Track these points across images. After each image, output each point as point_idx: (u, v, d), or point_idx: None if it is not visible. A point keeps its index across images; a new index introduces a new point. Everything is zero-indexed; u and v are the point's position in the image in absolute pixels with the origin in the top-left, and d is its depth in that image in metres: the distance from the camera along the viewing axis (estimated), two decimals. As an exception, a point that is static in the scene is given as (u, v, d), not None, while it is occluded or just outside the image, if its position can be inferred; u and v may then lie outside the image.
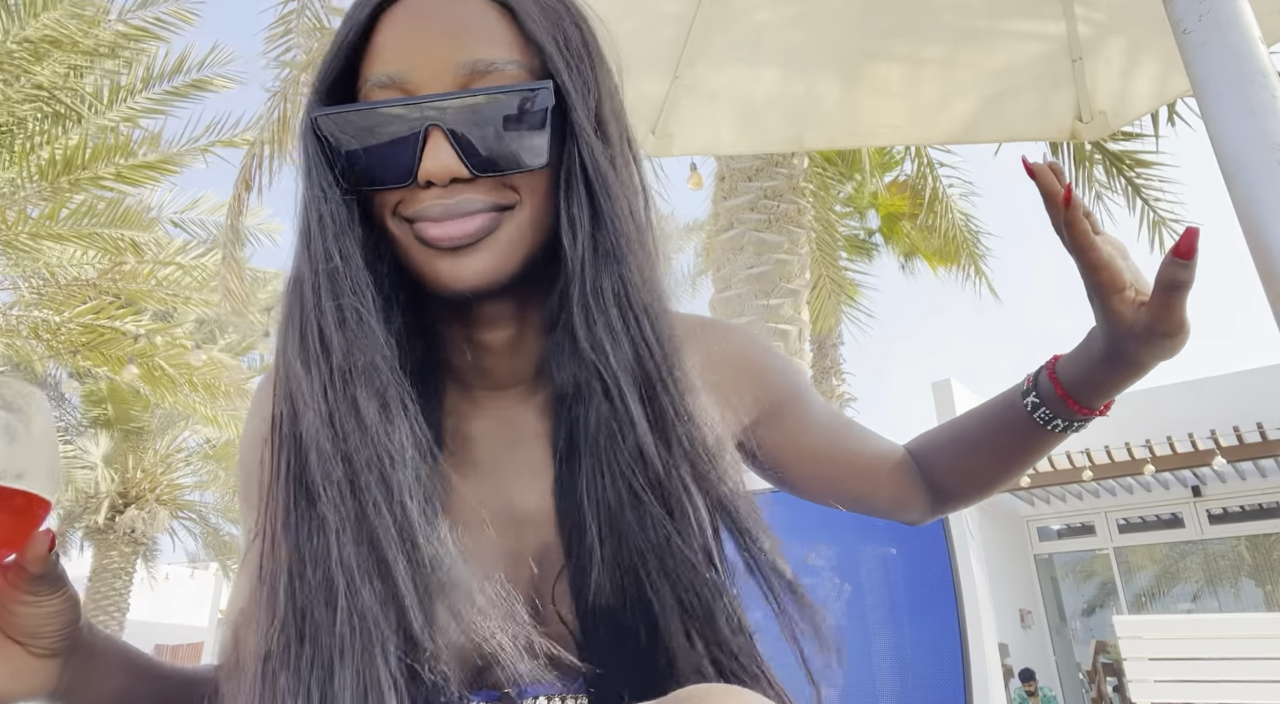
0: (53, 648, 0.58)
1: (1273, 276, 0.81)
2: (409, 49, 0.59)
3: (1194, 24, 0.92)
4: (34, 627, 0.57)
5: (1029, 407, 0.78)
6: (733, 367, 0.76)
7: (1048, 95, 1.84)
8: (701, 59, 1.84)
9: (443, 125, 0.56)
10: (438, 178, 0.57)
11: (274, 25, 5.96)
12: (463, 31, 0.59)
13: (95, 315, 9.23)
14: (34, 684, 0.58)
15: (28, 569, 0.54)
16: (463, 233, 0.58)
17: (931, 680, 1.44)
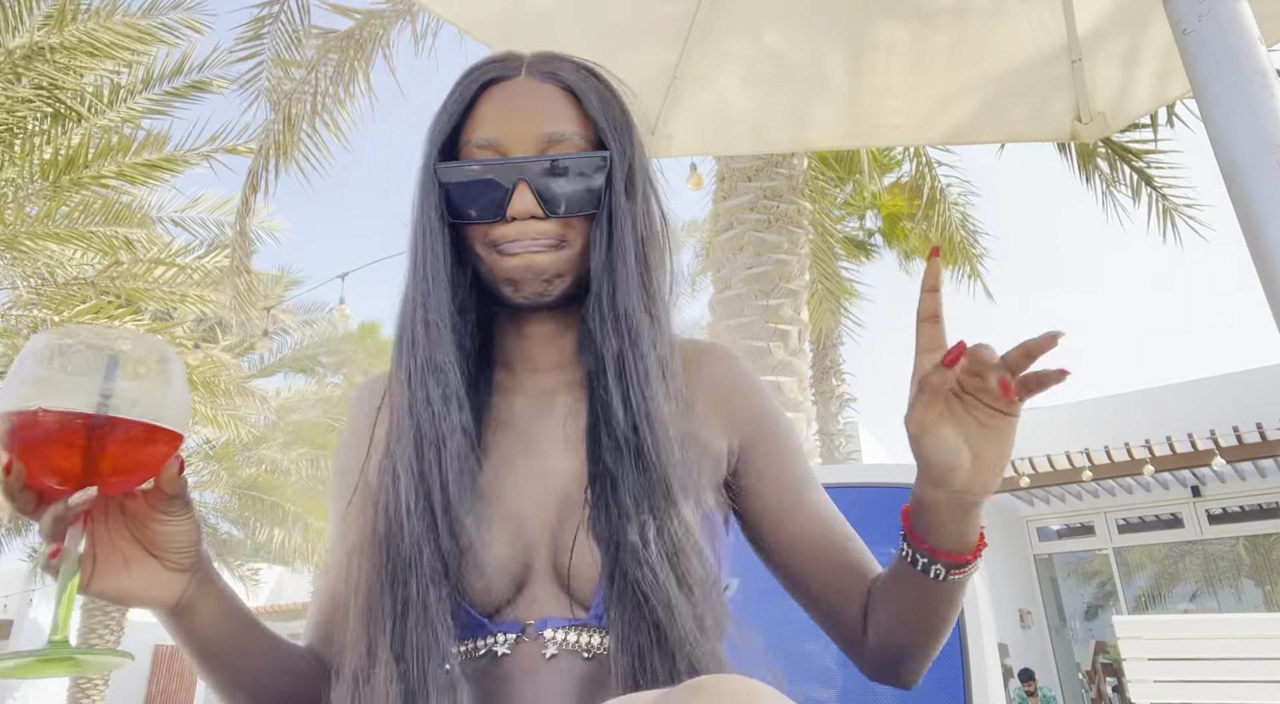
0: (181, 563, 0.71)
1: (1272, 275, 0.81)
2: (503, 121, 0.80)
3: (1194, 24, 0.92)
4: (167, 542, 0.69)
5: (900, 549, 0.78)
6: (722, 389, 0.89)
7: (1048, 96, 1.84)
8: (701, 60, 1.84)
9: (527, 179, 0.78)
10: (520, 215, 0.78)
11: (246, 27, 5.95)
12: (542, 110, 0.81)
13: (94, 315, 9.23)
14: (167, 592, 0.70)
15: (164, 490, 0.67)
16: (529, 253, 0.79)
17: (931, 681, 1.44)
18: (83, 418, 0.60)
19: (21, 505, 0.63)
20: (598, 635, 0.73)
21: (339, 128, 6.02)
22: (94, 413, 0.61)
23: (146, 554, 0.70)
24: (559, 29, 1.72)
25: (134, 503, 0.68)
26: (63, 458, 0.60)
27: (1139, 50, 1.77)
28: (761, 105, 1.97)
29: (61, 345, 0.63)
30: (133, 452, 0.63)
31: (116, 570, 0.68)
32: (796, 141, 2.25)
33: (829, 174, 8.48)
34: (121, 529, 0.69)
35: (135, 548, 0.69)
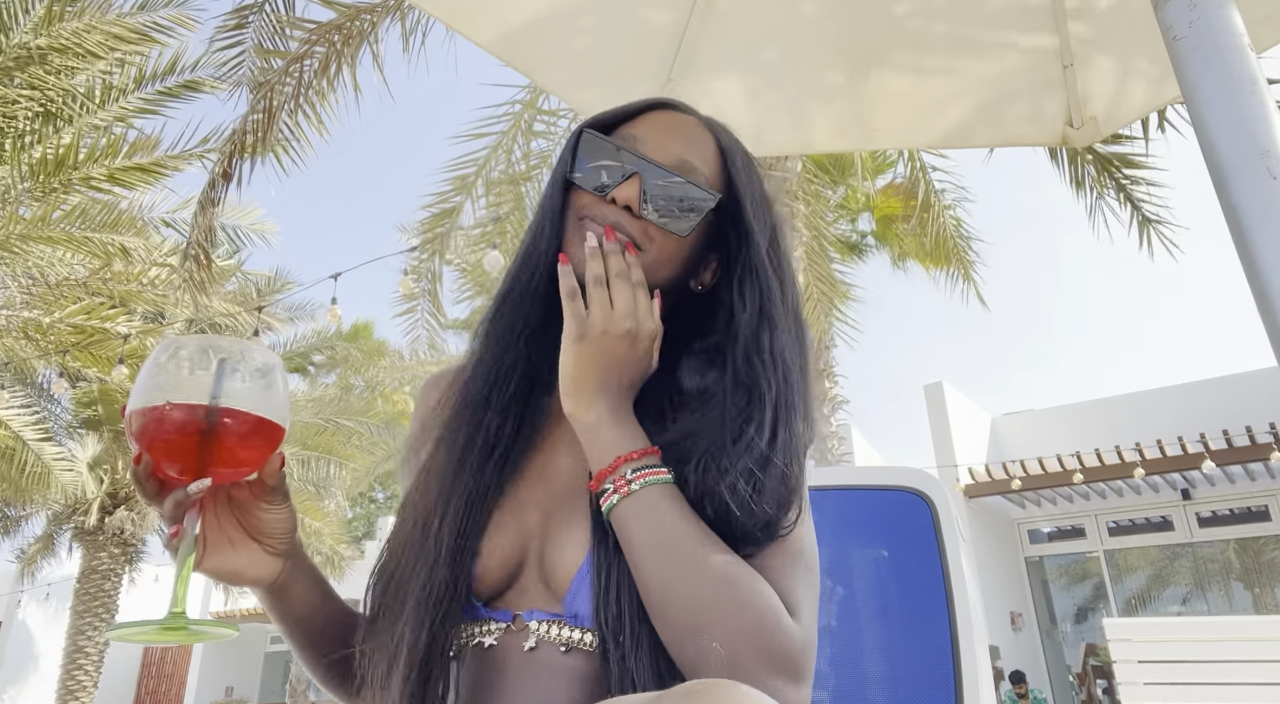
0: (279, 548, 0.80)
1: (1260, 280, 0.81)
2: (655, 131, 0.88)
3: (1184, 31, 0.92)
4: (268, 528, 0.78)
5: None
6: None
7: (1040, 101, 1.85)
8: (694, 64, 1.84)
9: (643, 175, 0.83)
10: (620, 199, 0.82)
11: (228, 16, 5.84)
12: (690, 140, 0.89)
13: (86, 316, 9.18)
14: (267, 572, 0.79)
15: (266, 481, 0.76)
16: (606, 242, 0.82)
17: (923, 683, 1.44)
18: (201, 409, 0.69)
19: (146, 492, 0.71)
20: (576, 630, 0.75)
21: (320, 121, 5.94)
22: (210, 404, 0.69)
23: (250, 538, 0.79)
24: (552, 33, 1.72)
25: (240, 493, 0.77)
26: (182, 447, 0.69)
27: (1130, 56, 1.78)
28: (755, 109, 1.98)
29: (179, 351, 0.72)
30: (242, 443, 0.71)
31: (224, 551, 0.77)
32: (790, 145, 2.26)
33: (823, 177, 8.50)
34: (229, 516, 0.78)
35: (240, 533, 0.78)
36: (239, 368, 0.72)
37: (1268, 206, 0.82)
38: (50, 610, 17.32)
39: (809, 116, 1.97)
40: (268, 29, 5.76)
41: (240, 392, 0.71)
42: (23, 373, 11.17)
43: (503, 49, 1.68)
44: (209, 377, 0.70)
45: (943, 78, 1.87)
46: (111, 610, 12.66)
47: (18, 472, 10.09)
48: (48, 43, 7.42)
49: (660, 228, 0.83)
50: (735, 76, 1.93)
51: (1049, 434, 11.69)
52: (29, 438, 9.99)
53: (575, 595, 0.75)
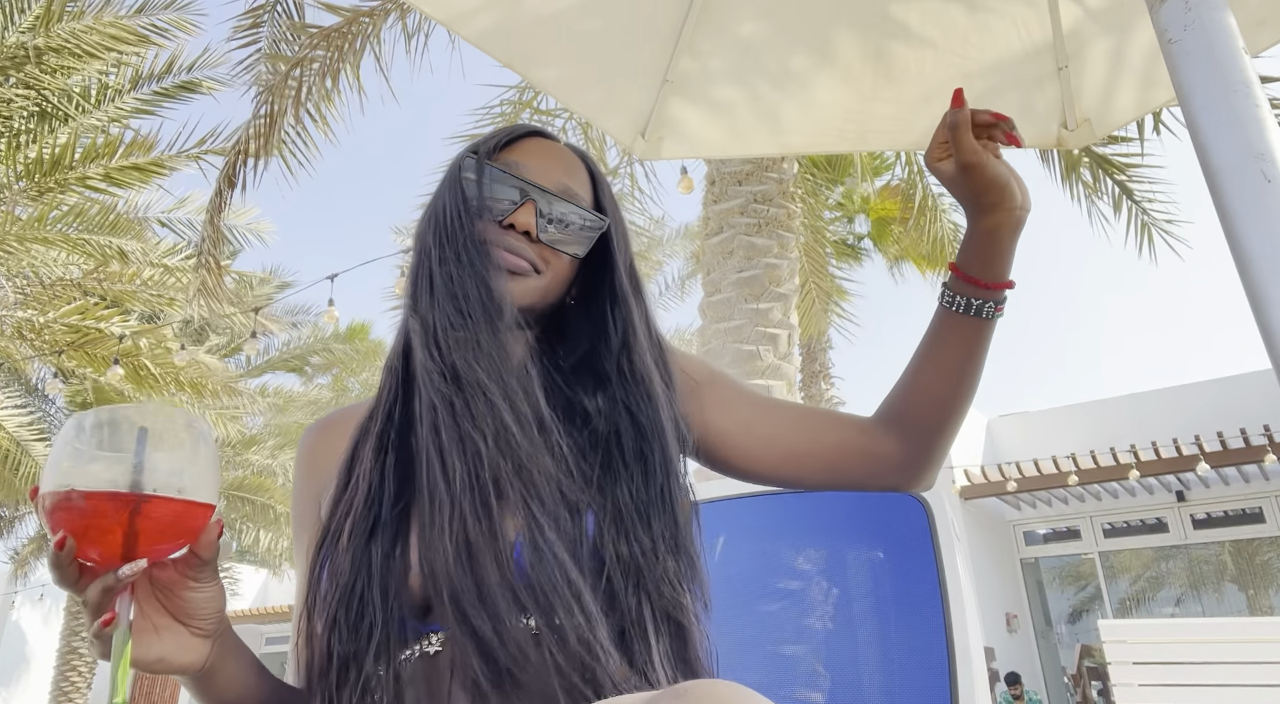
0: (207, 629, 0.72)
1: (1254, 283, 0.82)
2: (537, 159, 0.92)
3: (1179, 34, 0.93)
4: (195, 609, 0.71)
5: (944, 301, 0.90)
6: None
7: (1033, 102, 1.85)
8: (691, 64, 1.84)
9: (538, 202, 0.88)
10: (519, 224, 0.87)
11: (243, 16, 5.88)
12: (570, 169, 0.94)
13: (81, 316, 9.15)
14: (194, 658, 0.72)
15: (200, 556, 0.69)
16: (512, 264, 0.88)
17: (918, 684, 1.44)
18: (120, 497, 0.63)
19: (66, 578, 0.65)
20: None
21: (325, 123, 5.96)
22: (127, 491, 0.63)
23: (175, 621, 0.72)
24: (550, 32, 1.72)
25: (164, 572, 0.70)
26: (102, 534, 0.63)
27: (1125, 58, 1.79)
28: (751, 109, 1.98)
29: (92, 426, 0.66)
30: (169, 524, 0.65)
31: (148, 638, 0.70)
32: (786, 146, 2.26)
33: (820, 176, 8.51)
34: (150, 598, 0.71)
35: (164, 616, 0.71)
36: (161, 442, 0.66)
37: (1261, 210, 0.82)
38: (44, 612, 17.27)
39: (805, 118, 1.98)
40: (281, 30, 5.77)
41: (160, 461, 0.65)
42: (17, 373, 11.14)
43: (499, 49, 1.68)
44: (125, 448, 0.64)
45: (938, 77, 1.87)
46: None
47: (11, 471, 10.06)
48: (44, 42, 7.40)
49: (555, 251, 0.89)
50: (731, 77, 1.93)
51: (1044, 436, 11.71)
52: (23, 438, 9.96)
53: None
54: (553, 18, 1.70)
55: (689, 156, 2.30)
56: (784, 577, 1.53)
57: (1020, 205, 0.85)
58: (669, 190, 8.53)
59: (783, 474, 0.96)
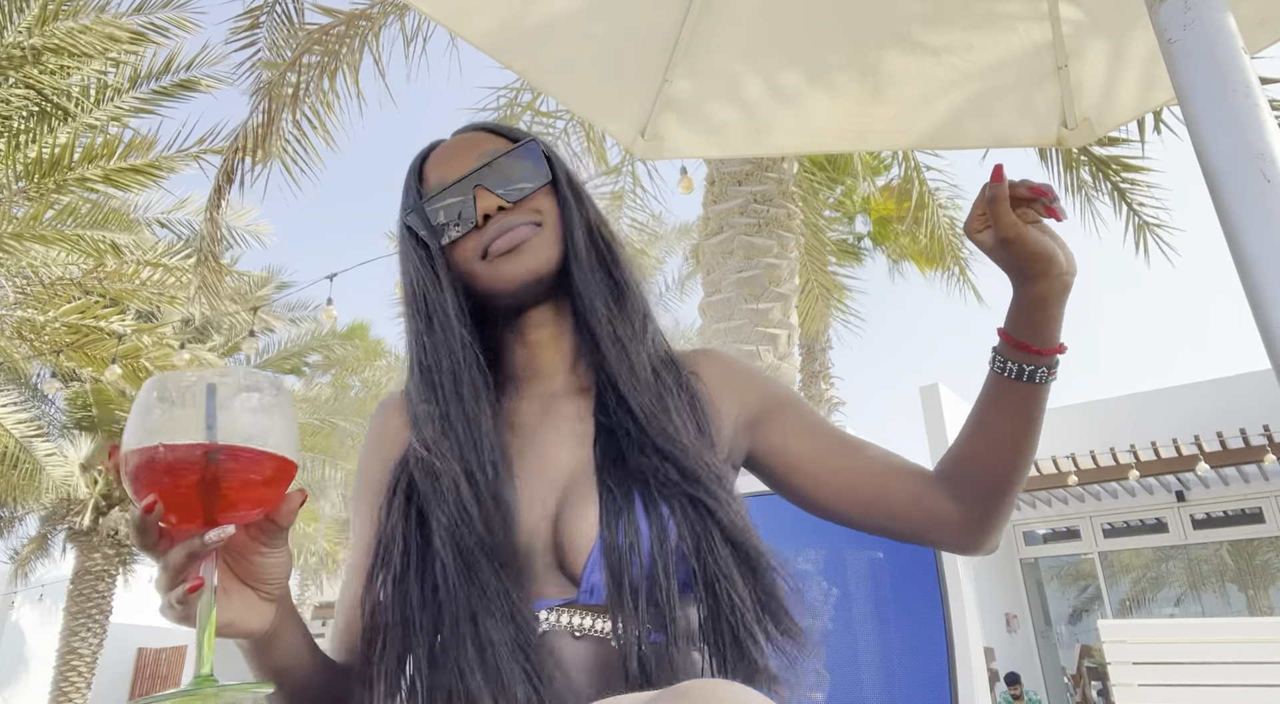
0: (273, 594, 0.73)
1: (1254, 283, 0.82)
2: (444, 166, 0.94)
3: (1179, 33, 0.93)
4: (265, 573, 0.72)
5: (995, 367, 0.89)
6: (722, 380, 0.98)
7: (1033, 101, 1.85)
8: (691, 63, 1.84)
9: (482, 183, 0.90)
10: (490, 210, 0.89)
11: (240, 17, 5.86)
12: (471, 144, 0.96)
13: (80, 315, 9.15)
14: (261, 622, 0.73)
15: (278, 523, 0.69)
16: (513, 241, 0.89)
17: (918, 684, 1.45)
18: (201, 449, 0.62)
19: (148, 542, 0.65)
20: (589, 616, 0.79)
21: (322, 124, 5.96)
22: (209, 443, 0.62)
23: (243, 585, 0.72)
24: (551, 33, 1.72)
25: (236, 537, 0.69)
26: (187, 494, 0.62)
27: (1124, 57, 1.79)
28: (750, 110, 1.98)
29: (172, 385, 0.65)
30: (255, 485, 0.65)
31: (219, 602, 0.69)
32: (786, 145, 2.26)
33: (820, 175, 8.51)
34: (221, 562, 0.71)
35: (233, 580, 0.72)
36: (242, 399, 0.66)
37: (1261, 209, 0.82)
38: (44, 611, 17.26)
39: (804, 118, 1.98)
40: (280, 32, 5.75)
41: (246, 426, 0.64)
42: (16, 373, 11.13)
43: (499, 50, 1.68)
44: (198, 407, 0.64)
45: (937, 76, 1.87)
46: (105, 611, 12.62)
47: (10, 469, 10.06)
48: (42, 42, 7.40)
49: (530, 198, 0.92)
50: (732, 77, 1.93)
51: (1044, 436, 11.61)
52: (21, 436, 9.96)
53: (591, 573, 0.79)
54: (553, 18, 1.70)
55: (689, 156, 2.30)
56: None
57: (1065, 271, 0.84)
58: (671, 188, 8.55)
59: (844, 511, 0.95)
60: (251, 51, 5.83)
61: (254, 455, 0.64)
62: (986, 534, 0.93)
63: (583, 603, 0.79)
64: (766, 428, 0.97)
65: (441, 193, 0.91)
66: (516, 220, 0.90)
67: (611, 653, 0.77)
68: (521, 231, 0.90)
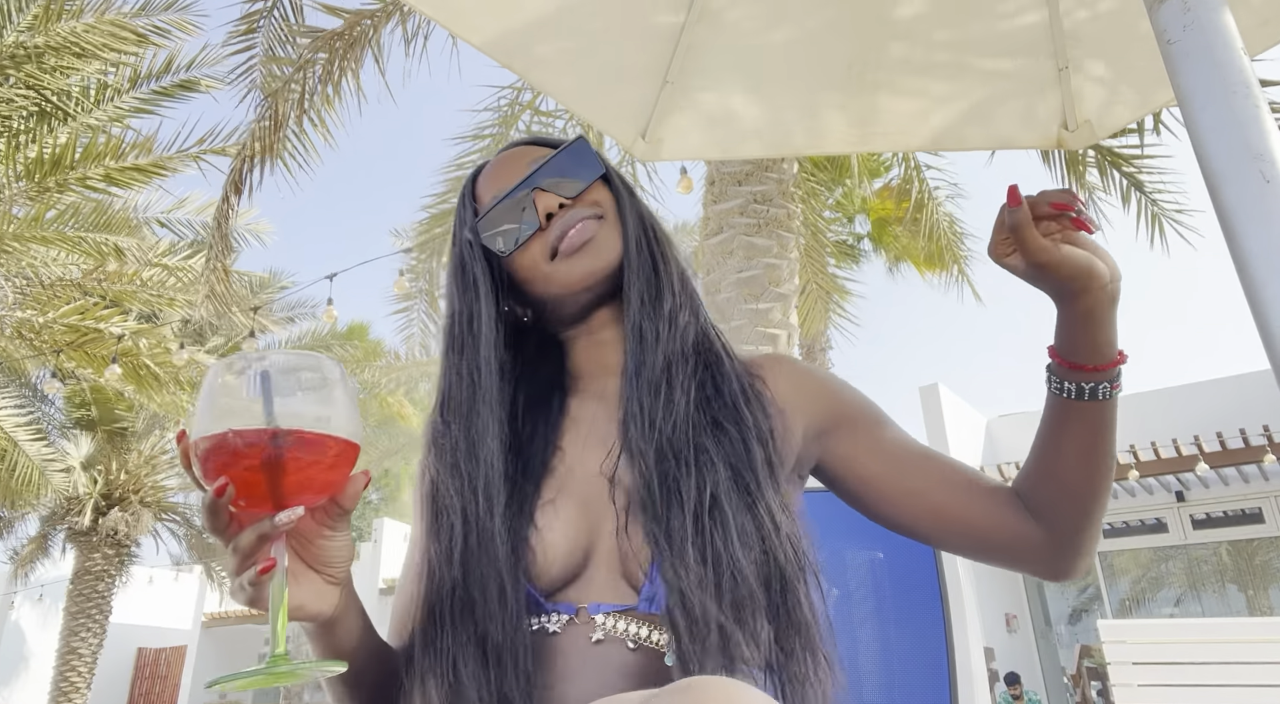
0: (338, 577, 0.73)
1: (1253, 283, 0.82)
2: (496, 179, 0.96)
3: (1178, 34, 0.93)
4: (330, 557, 0.72)
5: (1053, 388, 0.85)
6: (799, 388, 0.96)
7: (1034, 103, 1.85)
8: (692, 64, 1.84)
9: (539, 185, 0.91)
10: (552, 209, 0.90)
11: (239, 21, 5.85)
12: (520, 156, 0.97)
13: (80, 316, 9.15)
14: (327, 605, 0.72)
15: (343, 505, 0.69)
16: (583, 236, 0.90)
17: (917, 684, 1.45)
18: (268, 433, 0.63)
19: (218, 525, 0.65)
20: (646, 626, 0.78)
21: (325, 127, 5.97)
22: (276, 428, 0.63)
23: (309, 569, 0.72)
24: (551, 35, 1.72)
25: (301, 521, 0.69)
26: (253, 475, 0.63)
27: (1124, 59, 1.79)
28: (751, 111, 1.98)
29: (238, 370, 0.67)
30: (321, 467, 0.66)
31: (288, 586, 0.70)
32: (786, 147, 2.26)
33: (820, 176, 8.51)
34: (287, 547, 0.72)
35: (299, 564, 0.72)
36: (306, 383, 0.67)
37: (1260, 210, 0.82)
38: (44, 611, 17.25)
39: (805, 119, 1.98)
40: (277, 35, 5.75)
41: (312, 410, 0.66)
42: (16, 373, 11.13)
43: (499, 50, 1.68)
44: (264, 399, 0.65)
45: (938, 80, 1.88)
46: (105, 611, 12.62)
47: (8, 471, 10.06)
48: (44, 41, 7.39)
49: (587, 191, 0.93)
50: (732, 79, 1.93)
51: (1044, 436, 11.69)
52: (21, 438, 9.95)
53: (654, 581, 0.78)
54: (553, 19, 1.70)
55: (689, 158, 2.30)
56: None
57: (1111, 279, 0.79)
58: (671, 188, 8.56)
59: (922, 529, 0.92)
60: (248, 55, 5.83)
61: (320, 439, 0.65)
62: (1076, 557, 0.88)
63: (642, 611, 0.78)
64: (835, 439, 0.94)
65: (499, 204, 0.92)
66: (580, 214, 0.91)
67: (663, 668, 0.76)
68: (589, 226, 0.91)
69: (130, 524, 12.95)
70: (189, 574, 18.19)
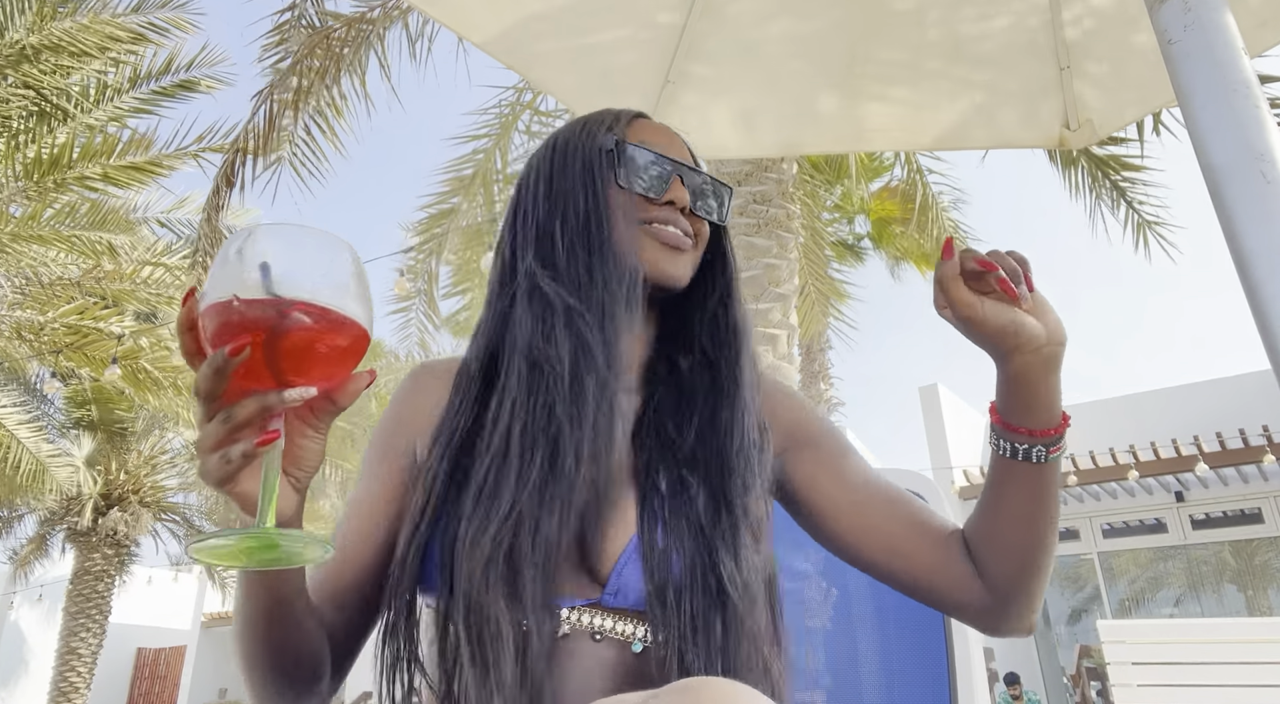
0: (302, 483, 0.69)
1: (1253, 283, 0.82)
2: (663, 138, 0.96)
3: (1179, 34, 0.93)
4: (302, 457, 0.68)
5: (992, 444, 0.83)
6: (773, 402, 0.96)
7: (1036, 103, 1.86)
8: (693, 65, 1.85)
9: (684, 179, 0.92)
10: (676, 200, 0.90)
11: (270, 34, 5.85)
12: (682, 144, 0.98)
13: (79, 316, 9.15)
14: (288, 507, 0.68)
15: (337, 402, 0.65)
16: (676, 241, 0.90)
17: (917, 684, 1.45)
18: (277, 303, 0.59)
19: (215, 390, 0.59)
20: (610, 617, 0.77)
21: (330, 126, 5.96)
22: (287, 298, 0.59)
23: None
24: (553, 33, 1.72)
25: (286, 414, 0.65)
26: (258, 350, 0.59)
27: (1126, 59, 1.79)
28: (752, 110, 1.98)
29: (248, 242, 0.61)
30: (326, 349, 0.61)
31: (256, 477, 0.65)
32: (786, 146, 2.26)
33: (819, 176, 8.51)
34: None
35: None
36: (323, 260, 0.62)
37: (1261, 210, 0.82)
38: (43, 612, 17.25)
39: (806, 118, 1.98)
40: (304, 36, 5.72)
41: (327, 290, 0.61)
42: (15, 372, 11.13)
43: (500, 49, 1.68)
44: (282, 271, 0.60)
45: (939, 79, 1.88)
46: (105, 611, 12.62)
47: (12, 469, 10.06)
48: (40, 40, 7.39)
49: (703, 221, 0.94)
50: (732, 79, 1.93)
51: (1043, 436, 11.70)
52: (23, 437, 9.96)
53: (621, 573, 0.77)
54: (555, 19, 1.70)
55: (689, 157, 2.30)
56: (784, 577, 1.53)
57: (1048, 342, 0.76)
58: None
59: (867, 563, 0.91)
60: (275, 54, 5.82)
61: (333, 318, 0.61)
62: (1017, 616, 0.86)
63: (607, 605, 0.77)
64: (799, 458, 0.94)
65: (653, 153, 0.91)
66: (684, 225, 0.91)
67: (631, 658, 0.76)
68: (685, 239, 0.91)
69: (130, 524, 12.95)
70: (188, 574, 18.18)
